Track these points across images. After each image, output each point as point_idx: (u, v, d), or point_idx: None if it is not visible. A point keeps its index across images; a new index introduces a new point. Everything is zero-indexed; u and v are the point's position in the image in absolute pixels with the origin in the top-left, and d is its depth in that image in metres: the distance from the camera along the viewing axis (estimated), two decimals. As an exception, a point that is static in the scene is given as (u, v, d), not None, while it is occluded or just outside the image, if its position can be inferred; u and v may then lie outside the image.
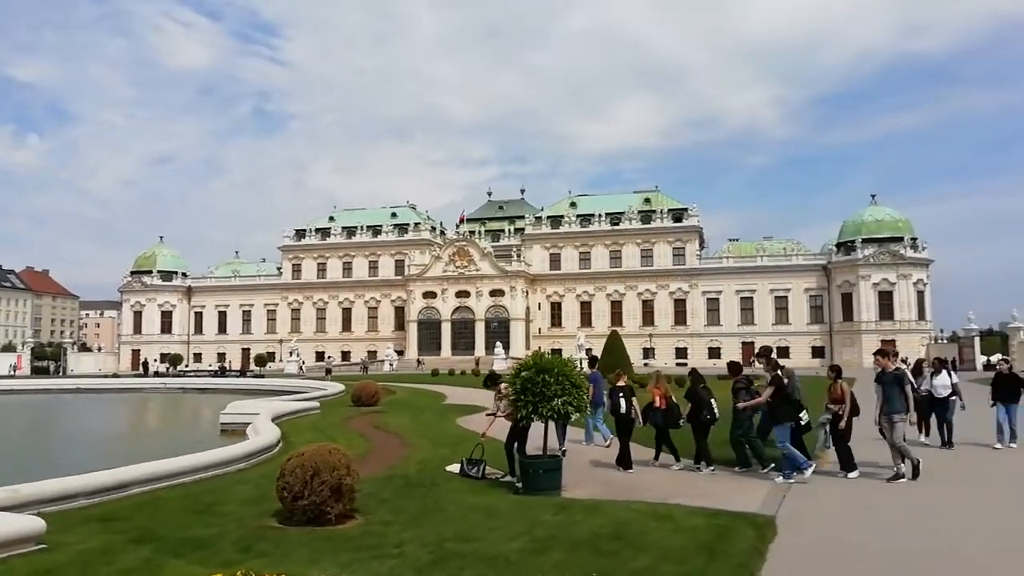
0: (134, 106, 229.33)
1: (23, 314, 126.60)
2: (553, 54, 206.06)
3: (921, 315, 68.48)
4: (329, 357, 68.77)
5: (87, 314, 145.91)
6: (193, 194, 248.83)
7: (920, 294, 68.72)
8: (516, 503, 7.30)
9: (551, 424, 9.11)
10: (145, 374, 54.26)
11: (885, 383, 10.31)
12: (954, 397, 13.44)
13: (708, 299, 76.13)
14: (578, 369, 9.15)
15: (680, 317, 76.59)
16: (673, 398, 11.37)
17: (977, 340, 61.37)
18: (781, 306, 74.26)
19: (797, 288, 73.71)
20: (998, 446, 13.07)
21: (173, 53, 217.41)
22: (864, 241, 69.35)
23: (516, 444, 8.93)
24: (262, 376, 48.94)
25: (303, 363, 69.03)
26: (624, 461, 10.55)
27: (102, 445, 15.52)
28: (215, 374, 53.68)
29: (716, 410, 10.92)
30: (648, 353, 74.90)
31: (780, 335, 73.19)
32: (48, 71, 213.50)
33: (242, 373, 56.42)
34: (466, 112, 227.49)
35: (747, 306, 75.04)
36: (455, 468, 9.43)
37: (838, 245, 72.73)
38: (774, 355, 11.61)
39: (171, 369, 64.03)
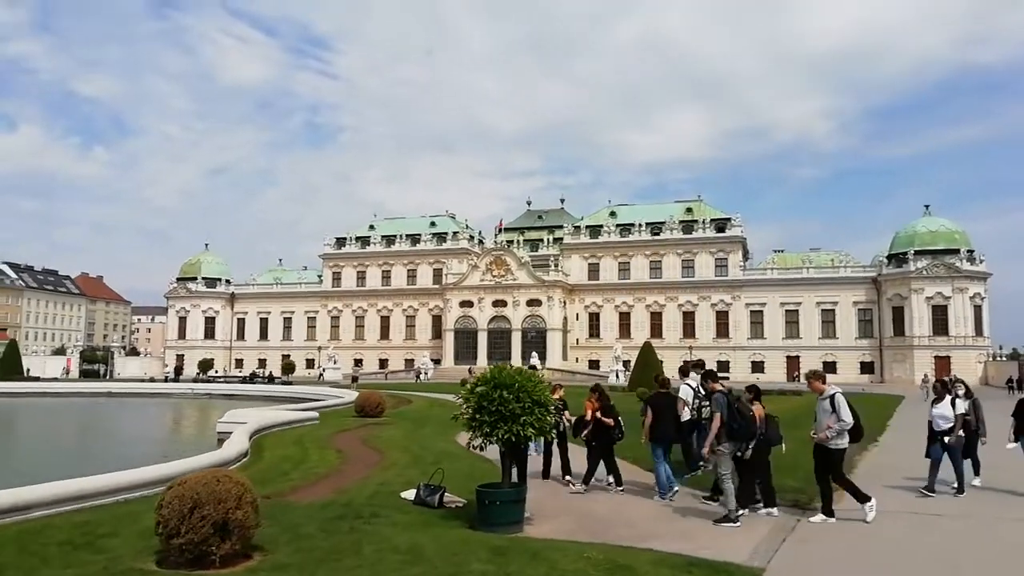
0: (192, 118, 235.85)
1: (77, 318, 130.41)
2: (601, 64, 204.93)
3: (978, 331, 64.95)
4: (356, 366, 68.52)
5: (139, 319, 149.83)
6: (246, 204, 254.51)
7: (977, 309, 65.25)
8: (451, 543, 6.32)
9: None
10: (176, 379, 54.69)
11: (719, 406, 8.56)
12: (961, 432, 10.56)
13: (751, 311, 73.72)
14: (543, 382, 8.08)
15: (722, 329, 74.37)
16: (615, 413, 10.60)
17: (1039, 358, 57.89)
18: (828, 319, 71.42)
19: (845, 301, 70.81)
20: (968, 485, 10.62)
21: (229, 67, 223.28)
22: (917, 253, 66.22)
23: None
24: (290, 383, 48.79)
25: (340, 370, 68.89)
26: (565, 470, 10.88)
27: (81, 451, 15.05)
28: (244, 380, 53.84)
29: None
30: (689, 366, 72.86)
31: (827, 350, 70.58)
32: (111, 85, 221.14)
33: (271, 380, 56.47)
34: (512, 123, 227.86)
35: (792, 319, 72.42)
36: (410, 494, 8.50)
37: (889, 257, 69.66)
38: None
39: (200, 375, 64.60)
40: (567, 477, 10.84)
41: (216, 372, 70.84)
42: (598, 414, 10.30)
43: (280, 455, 12.05)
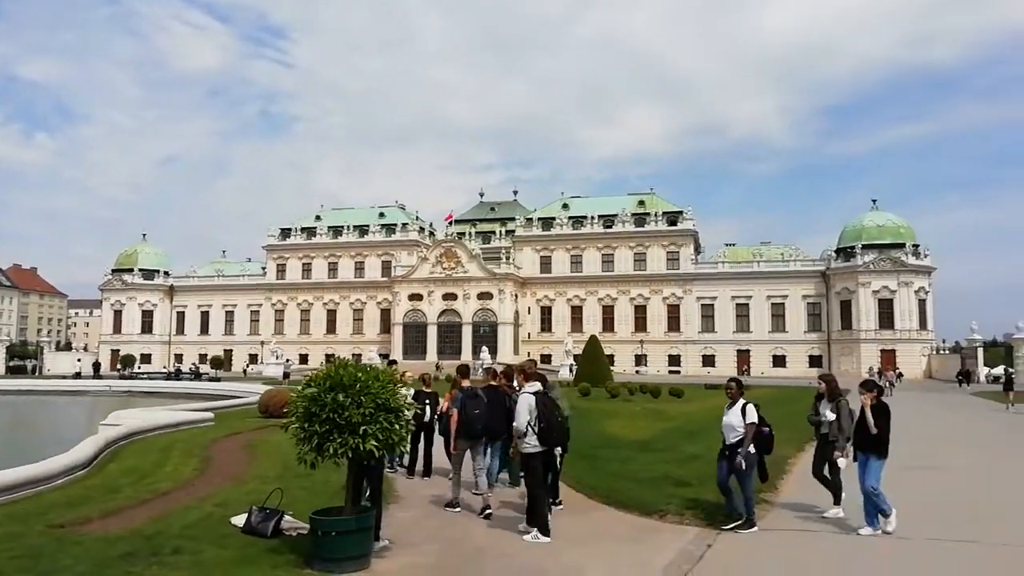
0: (141, 107, 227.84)
1: (8, 312, 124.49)
2: (561, 61, 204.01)
3: (923, 324, 65.57)
4: (288, 360, 66.01)
5: (76, 313, 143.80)
6: (197, 195, 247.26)
7: (922, 303, 65.84)
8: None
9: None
10: (95, 375, 51.74)
11: None
12: (752, 449, 7.81)
13: (703, 305, 73.34)
14: (398, 381, 6.58)
15: (674, 323, 73.91)
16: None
17: (981, 351, 58.55)
18: (778, 313, 71.44)
19: (795, 295, 70.88)
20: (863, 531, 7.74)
21: (182, 55, 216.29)
22: (864, 247, 66.55)
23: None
24: (218, 379, 46.36)
25: (284, 366, 66.09)
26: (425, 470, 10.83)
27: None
28: (168, 376, 51.13)
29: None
30: (640, 360, 72.41)
31: (776, 343, 70.68)
32: (57, 70, 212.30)
33: (197, 376, 53.73)
34: (472, 117, 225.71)
35: (743, 313, 72.26)
36: (241, 520, 6.93)
37: (838, 251, 69.93)
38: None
39: (122, 370, 61.33)
40: (425, 478, 10.60)
41: (138, 368, 67.44)
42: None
43: (130, 465, 10.34)
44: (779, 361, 69.84)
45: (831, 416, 8.43)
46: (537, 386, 8.12)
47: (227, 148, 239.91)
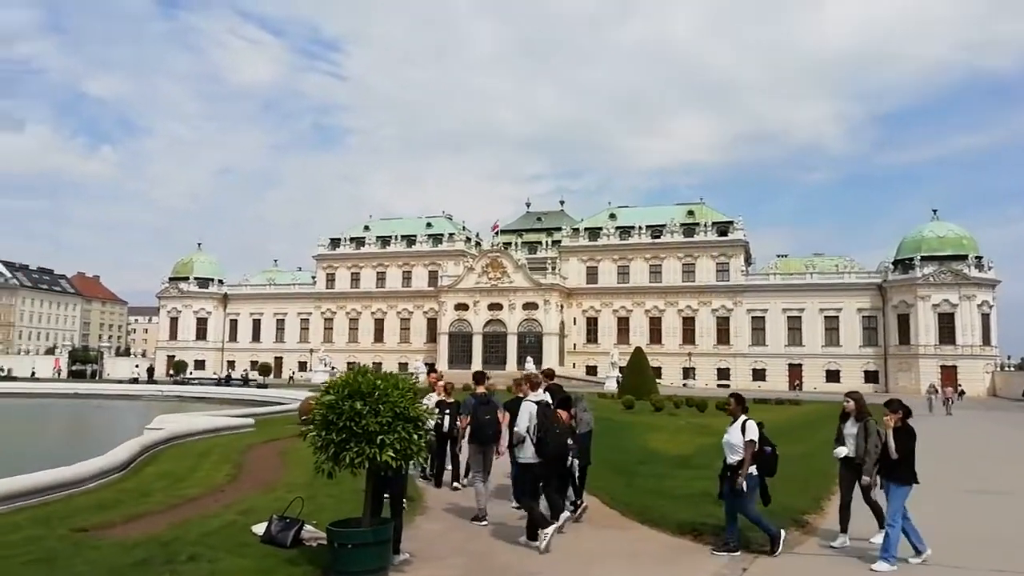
0: (199, 119, 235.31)
1: (72, 318, 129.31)
2: (610, 69, 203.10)
3: (986, 340, 62.82)
4: (334, 368, 66.60)
5: (136, 319, 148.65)
6: (252, 205, 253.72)
7: (985, 317, 63.12)
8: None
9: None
10: (150, 380, 53.17)
11: None
12: (754, 470, 7.32)
13: (753, 317, 71.73)
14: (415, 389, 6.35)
15: (723, 336, 72.42)
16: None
17: (1049, 368, 55.80)
18: (832, 327, 69.38)
19: (849, 308, 68.76)
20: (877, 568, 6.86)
21: (237, 69, 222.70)
22: (924, 259, 64.15)
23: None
24: (265, 386, 47.11)
25: (333, 373, 66.92)
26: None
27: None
28: (218, 382, 52.22)
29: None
30: (688, 373, 71.13)
31: (830, 358, 68.64)
32: (119, 85, 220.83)
33: (245, 382, 54.74)
34: (521, 127, 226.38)
35: (795, 326, 70.40)
36: (261, 529, 6.82)
37: (895, 263, 67.61)
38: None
39: (173, 376, 62.85)
40: (455, 483, 10.49)
41: (190, 374, 69.09)
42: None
43: (165, 470, 10.42)
44: (833, 376, 67.73)
45: (853, 431, 7.71)
46: (541, 395, 7.89)
47: (280, 159, 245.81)
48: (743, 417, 7.48)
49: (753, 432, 7.30)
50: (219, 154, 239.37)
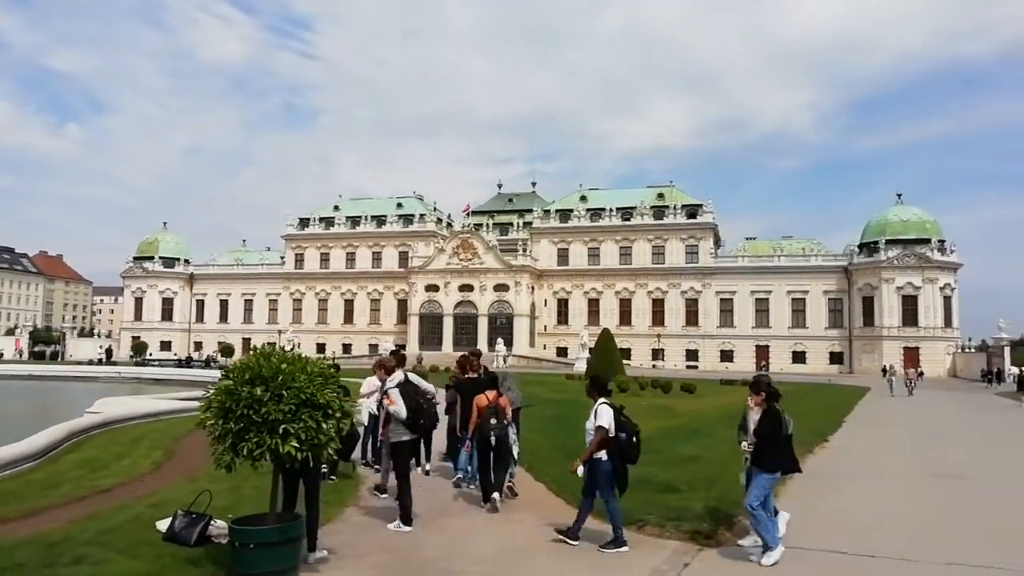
0: (168, 96, 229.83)
1: (34, 297, 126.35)
2: (585, 53, 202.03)
3: (948, 322, 63.90)
4: (318, 352, 66.05)
5: (101, 300, 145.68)
6: (221, 184, 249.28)
7: (947, 299, 64.16)
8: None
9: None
10: (108, 362, 52.10)
11: None
12: (604, 455, 6.85)
13: (722, 299, 72.19)
14: (329, 375, 5.94)
15: (692, 317, 72.84)
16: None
17: (1007, 350, 56.87)
18: (798, 308, 70.08)
19: (816, 290, 69.48)
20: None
21: (206, 45, 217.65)
22: (888, 242, 64.94)
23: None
24: (226, 368, 46.38)
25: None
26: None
27: None
28: (179, 364, 51.34)
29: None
30: (657, 354, 71.47)
31: (796, 339, 69.41)
32: (85, 61, 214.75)
33: (207, 364, 53.94)
34: (495, 110, 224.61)
35: (762, 308, 71.00)
36: (165, 524, 6.43)
37: (860, 246, 68.34)
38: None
39: (134, 357, 61.69)
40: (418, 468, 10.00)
41: (150, 355, 67.87)
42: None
43: (87, 457, 9.98)
44: (799, 357, 68.54)
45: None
46: (399, 375, 7.94)
47: (251, 139, 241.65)
48: (600, 400, 7.04)
49: (604, 418, 6.85)
50: (188, 133, 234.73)
